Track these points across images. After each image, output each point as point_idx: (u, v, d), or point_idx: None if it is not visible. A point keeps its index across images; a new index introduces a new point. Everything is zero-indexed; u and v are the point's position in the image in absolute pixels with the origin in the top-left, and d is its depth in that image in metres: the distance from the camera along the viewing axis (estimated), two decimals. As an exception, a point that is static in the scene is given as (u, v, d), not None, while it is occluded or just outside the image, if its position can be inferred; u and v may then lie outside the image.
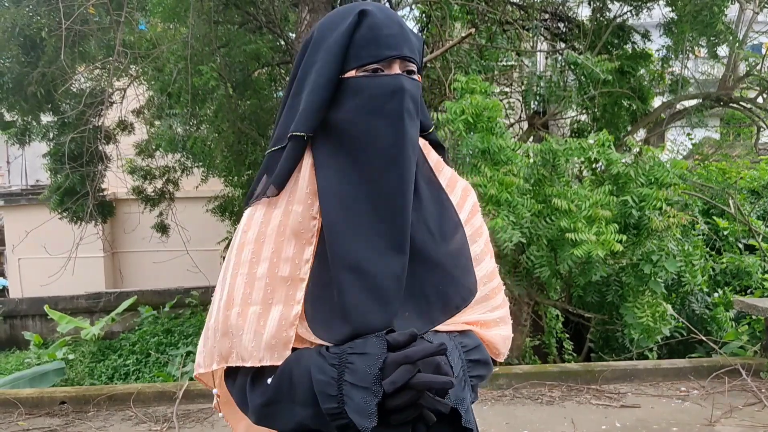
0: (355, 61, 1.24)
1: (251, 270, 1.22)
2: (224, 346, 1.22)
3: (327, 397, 1.07)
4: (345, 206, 1.19)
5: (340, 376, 1.07)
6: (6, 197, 13.58)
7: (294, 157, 1.25)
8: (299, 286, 1.19)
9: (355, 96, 1.23)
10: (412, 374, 1.04)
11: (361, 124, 1.22)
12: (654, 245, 5.21)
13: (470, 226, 1.33)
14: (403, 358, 1.05)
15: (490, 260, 1.36)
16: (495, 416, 4.49)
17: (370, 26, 1.24)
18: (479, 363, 1.22)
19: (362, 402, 1.04)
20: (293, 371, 1.13)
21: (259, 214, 1.26)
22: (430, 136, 1.38)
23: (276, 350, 1.16)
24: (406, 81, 1.23)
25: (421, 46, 1.32)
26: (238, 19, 7.27)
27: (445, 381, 1.04)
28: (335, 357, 1.09)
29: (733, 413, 4.46)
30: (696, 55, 8.15)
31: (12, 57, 6.99)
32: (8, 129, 8.12)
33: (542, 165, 5.19)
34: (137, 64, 7.36)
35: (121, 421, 4.61)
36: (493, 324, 1.29)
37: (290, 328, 1.16)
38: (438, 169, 1.35)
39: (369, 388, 1.04)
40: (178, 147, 7.50)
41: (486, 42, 7.35)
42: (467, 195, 1.38)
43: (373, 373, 1.05)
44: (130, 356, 8.57)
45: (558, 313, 6.45)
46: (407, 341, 1.08)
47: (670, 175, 5.13)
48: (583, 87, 6.87)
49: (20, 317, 11.05)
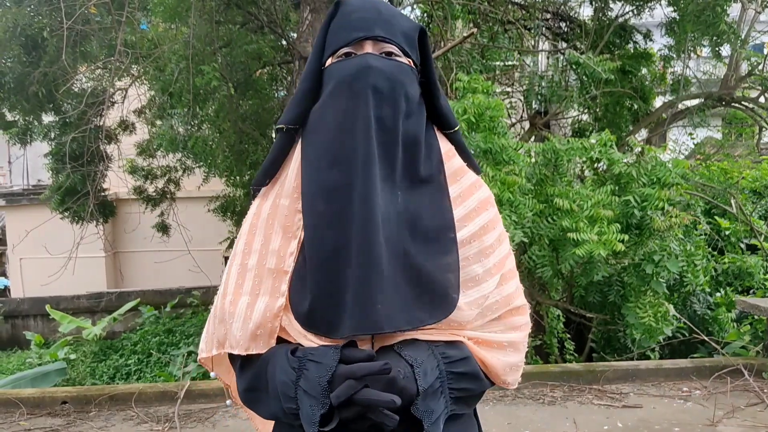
0: (329, 48, 1.25)
1: (243, 261, 1.25)
2: (221, 333, 1.26)
3: (287, 397, 1.11)
4: (319, 198, 1.18)
5: (297, 380, 1.10)
6: (7, 197, 13.59)
7: (280, 148, 1.27)
8: (284, 278, 1.20)
9: (329, 83, 1.23)
10: (356, 390, 1.05)
11: (331, 111, 1.21)
12: (656, 245, 5.20)
13: (479, 242, 1.25)
14: (348, 373, 1.06)
15: (508, 283, 1.29)
16: (496, 416, 4.49)
17: (342, 13, 1.25)
18: (465, 376, 1.18)
19: (309, 410, 1.08)
20: (269, 365, 1.16)
21: (253, 207, 1.29)
22: (454, 136, 1.33)
23: (261, 340, 1.19)
24: (373, 59, 1.20)
25: (416, 32, 1.28)
26: (240, 19, 7.28)
27: (388, 400, 1.05)
28: (296, 361, 1.12)
29: (735, 413, 4.45)
30: (698, 54, 8.14)
31: (14, 57, 7.00)
32: (10, 129, 8.11)
33: (544, 165, 5.19)
34: (139, 64, 7.36)
35: (122, 421, 4.60)
36: (498, 346, 1.25)
37: (275, 319, 1.18)
38: (456, 177, 1.29)
39: (316, 397, 1.07)
40: (180, 147, 7.50)
41: (488, 42, 7.35)
42: (485, 207, 1.30)
43: (322, 384, 1.07)
44: (132, 356, 8.57)
45: (559, 313, 6.44)
46: (363, 358, 1.09)
47: (672, 175, 5.12)
48: (585, 87, 6.87)
49: (22, 317, 11.06)
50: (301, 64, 6.18)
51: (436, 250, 1.20)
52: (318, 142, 1.21)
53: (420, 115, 1.26)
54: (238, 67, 6.88)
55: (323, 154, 1.19)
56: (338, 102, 1.20)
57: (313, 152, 1.21)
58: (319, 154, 1.20)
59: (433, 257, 1.19)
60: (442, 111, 1.31)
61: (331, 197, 1.17)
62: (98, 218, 8.58)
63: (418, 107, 1.25)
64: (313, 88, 1.24)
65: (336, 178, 1.17)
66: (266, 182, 1.28)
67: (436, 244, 1.21)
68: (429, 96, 1.29)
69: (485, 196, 1.32)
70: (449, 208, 1.24)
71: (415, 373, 1.10)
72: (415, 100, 1.24)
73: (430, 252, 1.19)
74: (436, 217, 1.23)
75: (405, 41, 1.25)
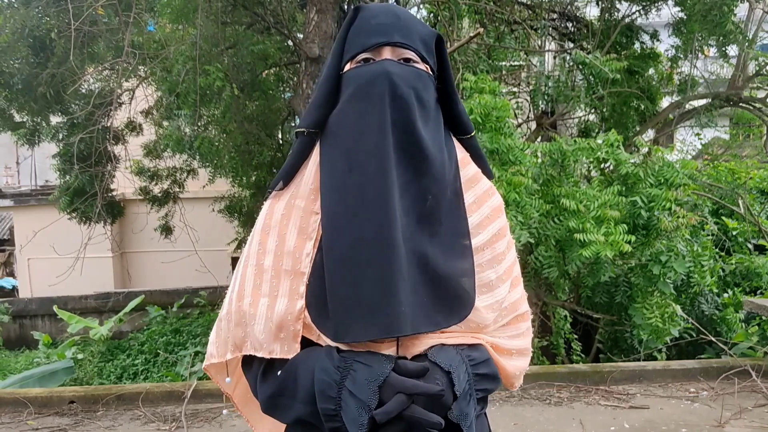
0: (348, 54, 1.25)
1: (259, 261, 1.24)
2: (238, 336, 1.24)
3: (326, 397, 1.09)
4: (338, 200, 1.19)
5: (341, 380, 1.09)
6: (16, 197, 13.68)
7: (300, 152, 1.27)
8: (301, 279, 1.19)
9: (347, 88, 1.24)
10: (406, 406, 1.06)
11: (350, 115, 1.22)
12: (663, 246, 5.19)
13: (492, 249, 1.28)
14: (401, 386, 1.07)
15: (515, 289, 1.31)
16: (503, 417, 4.48)
17: (361, 18, 1.26)
18: (487, 377, 1.21)
19: (356, 412, 1.06)
20: (299, 368, 1.15)
21: (266, 207, 1.29)
22: (470, 142, 1.34)
23: (285, 343, 1.18)
24: (391, 65, 1.21)
25: (433, 39, 1.29)
26: (246, 20, 7.30)
27: (436, 422, 1.06)
28: (341, 360, 1.11)
29: (742, 414, 4.43)
30: (705, 54, 8.11)
31: (22, 58, 7.03)
32: (18, 130, 8.16)
33: (551, 165, 5.18)
34: (146, 65, 7.39)
35: (129, 421, 4.62)
36: (507, 353, 1.28)
37: (296, 322, 1.17)
38: (470, 184, 1.30)
39: (364, 401, 1.06)
40: (186, 147, 7.53)
41: (494, 42, 7.34)
42: (497, 215, 1.32)
43: (372, 388, 1.07)
44: (139, 356, 8.60)
45: (566, 313, 6.43)
46: (416, 372, 1.09)
47: (679, 176, 5.10)
48: (592, 87, 6.86)
49: (30, 317, 11.12)
50: (308, 65, 6.19)
51: (452, 255, 1.21)
52: (336, 146, 1.22)
53: (437, 121, 1.27)
54: (244, 68, 6.90)
55: (342, 158, 1.20)
56: (357, 107, 1.21)
57: (332, 156, 1.22)
58: (338, 158, 1.21)
59: (449, 261, 1.20)
60: (459, 117, 1.32)
61: (349, 200, 1.17)
62: (106, 219, 8.61)
63: (435, 113, 1.26)
64: (332, 92, 1.25)
65: (354, 181, 1.17)
66: (284, 186, 1.28)
67: (452, 249, 1.22)
68: (446, 101, 1.30)
69: (497, 204, 1.34)
70: (464, 216, 1.26)
71: (452, 379, 1.11)
72: (431, 106, 1.25)
73: (446, 256, 1.20)
74: (452, 223, 1.24)
75: (423, 47, 1.26)
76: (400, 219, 1.15)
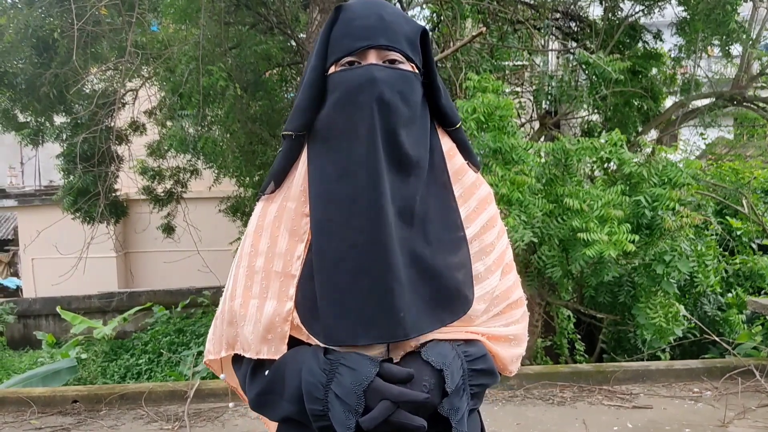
0: (332, 56, 1.25)
1: (251, 263, 1.25)
2: (230, 335, 1.27)
3: (313, 399, 1.11)
4: (328, 209, 1.19)
5: (327, 383, 1.11)
6: (20, 198, 13.71)
7: (287, 155, 1.28)
8: (291, 282, 1.20)
9: (333, 91, 1.23)
10: (391, 412, 1.08)
11: (337, 119, 1.21)
12: (667, 245, 5.17)
13: (479, 241, 1.28)
14: (386, 392, 1.09)
15: (506, 276, 1.32)
16: (506, 417, 4.48)
17: (344, 20, 1.25)
18: (483, 372, 1.22)
19: (343, 415, 1.08)
20: (286, 368, 1.17)
21: (258, 209, 1.30)
22: (456, 133, 1.34)
23: (273, 344, 1.19)
24: (378, 70, 1.20)
25: (417, 34, 1.28)
26: (249, 20, 7.30)
27: (419, 425, 1.09)
28: (327, 363, 1.12)
29: (746, 414, 4.43)
30: (709, 54, 8.09)
31: (25, 58, 7.04)
32: (22, 130, 8.17)
33: (554, 164, 5.17)
34: (149, 65, 7.40)
35: (132, 420, 4.63)
36: (504, 340, 1.29)
37: (284, 323, 1.18)
38: (457, 176, 1.31)
39: (350, 404, 1.08)
40: (190, 148, 7.54)
41: (497, 41, 7.33)
42: (484, 207, 1.32)
43: (357, 392, 1.08)
44: (143, 356, 8.62)
45: (570, 313, 6.43)
46: (402, 378, 1.11)
47: (683, 175, 5.09)
48: (595, 86, 6.84)
49: (34, 317, 11.15)
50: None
51: (446, 250, 1.22)
52: (325, 153, 1.22)
53: (424, 120, 1.27)
54: (247, 68, 6.91)
55: (331, 166, 1.21)
56: (344, 112, 1.21)
57: (321, 163, 1.22)
58: (327, 166, 1.21)
59: (443, 256, 1.21)
60: (445, 109, 1.31)
61: (341, 209, 1.18)
62: (109, 218, 8.62)
63: (422, 110, 1.26)
64: (317, 95, 1.24)
65: (345, 190, 1.18)
66: (274, 189, 1.29)
67: (445, 244, 1.23)
68: (431, 96, 1.30)
69: (484, 194, 1.34)
70: (455, 208, 1.27)
71: (444, 376, 1.12)
72: (418, 106, 1.25)
73: (440, 252, 1.21)
74: (443, 217, 1.25)
75: (408, 47, 1.25)
76: (393, 224, 1.15)
